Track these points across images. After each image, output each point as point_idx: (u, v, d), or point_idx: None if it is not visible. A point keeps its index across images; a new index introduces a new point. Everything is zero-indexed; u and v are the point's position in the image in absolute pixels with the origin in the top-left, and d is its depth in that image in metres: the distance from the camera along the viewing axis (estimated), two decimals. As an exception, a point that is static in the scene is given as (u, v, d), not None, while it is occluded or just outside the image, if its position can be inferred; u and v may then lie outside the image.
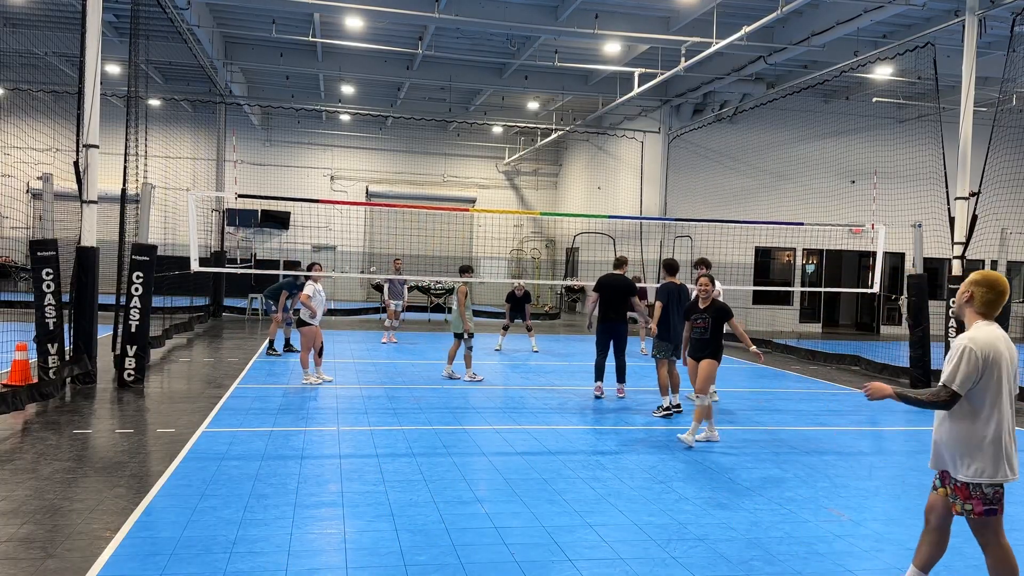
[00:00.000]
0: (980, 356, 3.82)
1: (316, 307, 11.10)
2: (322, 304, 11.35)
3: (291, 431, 8.19)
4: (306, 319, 11.12)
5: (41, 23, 19.04)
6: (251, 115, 27.25)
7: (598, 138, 27.37)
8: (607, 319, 10.66)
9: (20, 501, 5.66)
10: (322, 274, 11.45)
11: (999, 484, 3.87)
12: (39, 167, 15.93)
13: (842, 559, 5.11)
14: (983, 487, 3.86)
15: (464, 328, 11.74)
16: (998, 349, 3.86)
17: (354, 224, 29.53)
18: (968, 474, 3.89)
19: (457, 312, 11.85)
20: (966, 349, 3.85)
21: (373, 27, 18.88)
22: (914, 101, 21.69)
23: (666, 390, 9.83)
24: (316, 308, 11.10)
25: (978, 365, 3.82)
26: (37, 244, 9.64)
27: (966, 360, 3.83)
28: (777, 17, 13.43)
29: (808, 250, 24.12)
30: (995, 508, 3.88)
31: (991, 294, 3.96)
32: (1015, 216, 14.22)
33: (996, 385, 3.85)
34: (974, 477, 3.87)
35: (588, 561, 4.94)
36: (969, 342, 3.87)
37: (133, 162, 12.27)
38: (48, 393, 9.11)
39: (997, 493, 3.88)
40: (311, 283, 11.24)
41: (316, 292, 11.18)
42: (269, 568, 4.64)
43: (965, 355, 3.84)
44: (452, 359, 12.23)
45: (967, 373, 3.82)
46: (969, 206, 12.85)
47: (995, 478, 3.84)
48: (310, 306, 11.05)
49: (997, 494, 3.88)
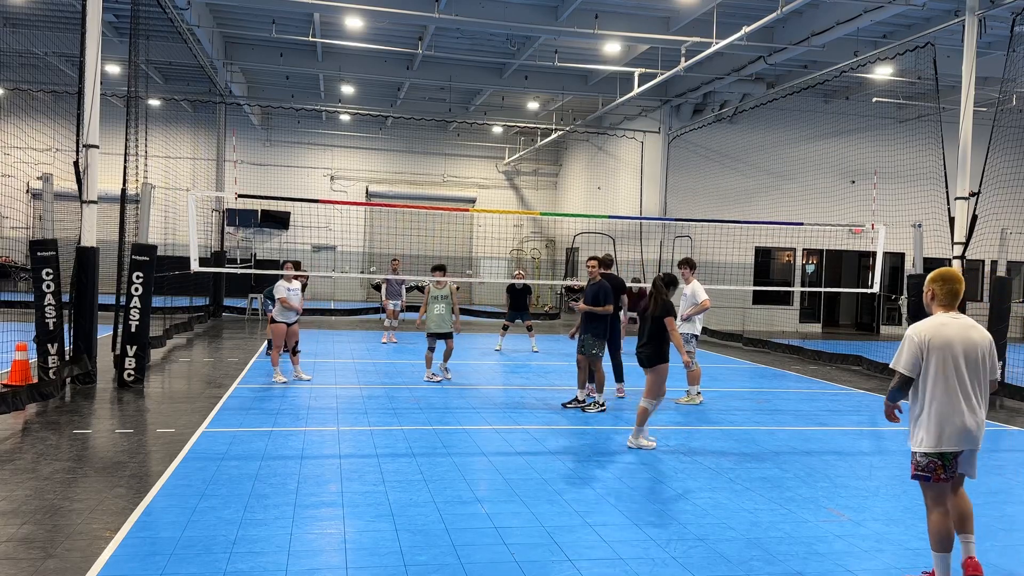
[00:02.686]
0: (917, 341, 4.36)
1: (297, 306, 11.27)
2: (297, 302, 11.46)
3: (291, 431, 8.19)
4: (278, 317, 11.19)
5: (41, 23, 19.04)
6: (251, 115, 27.25)
7: (598, 138, 27.38)
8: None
9: (20, 501, 5.66)
10: (295, 273, 11.47)
11: (933, 454, 4.34)
12: (39, 167, 15.92)
13: (842, 559, 5.11)
14: (917, 455, 4.40)
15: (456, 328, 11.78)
16: (942, 334, 4.34)
17: (354, 224, 29.53)
18: (911, 443, 4.47)
19: (448, 311, 11.80)
20: (906, 336, 4.43)
21: (373, 27, 18.88)
22: (914, 101, 21.69)
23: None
24: (297, 306, 11.27)
25: (916, 349, 4.36)
26: (37, 244, 9.64)
27: (907, 346, 4.41)
28: (777, 17, 13.43)
29: (808, 250, 24.12)
30: (927, 476, 4.39)
31: (948, 286, 4.45)
32: (1015, 216, 14.20)
33: (937, 365, 4.32)
34: (913, 446, 4.43)
35: (588, 561, 4.94)
36: (911, 330, 4.44)
37: (133, 162, 12.27)
38: (48, 393, 9.11)
39: (931, 464, 4.37)
40: (283, 283, 11.28)
41: (290, 291, 11.30)
42: (269, 568, 4.64)
43: (905, 341, 4.41)
44: (447, 358, 12.13)
45: (908, 356, 4.39)
46: (969, 206, 12.84)
47: (927, 448, 4.34)
48: (293, 306, 11.19)
49: (931, 464, 4.37)
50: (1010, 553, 5.37)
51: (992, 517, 6.14)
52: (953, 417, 4.36)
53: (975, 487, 6.97)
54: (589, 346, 9.81)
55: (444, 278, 11.87)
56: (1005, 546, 5.51)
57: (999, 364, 5.35)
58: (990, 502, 6.55)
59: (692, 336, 10.69)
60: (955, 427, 4.36)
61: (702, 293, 10.68)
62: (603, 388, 9.98)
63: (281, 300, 11.17)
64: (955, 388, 4.36)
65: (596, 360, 9.86)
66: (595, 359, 9.86)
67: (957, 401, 4.36)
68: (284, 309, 11.22)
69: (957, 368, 4.36)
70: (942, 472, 4.41)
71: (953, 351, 4.37)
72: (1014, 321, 23.05)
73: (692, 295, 10.72)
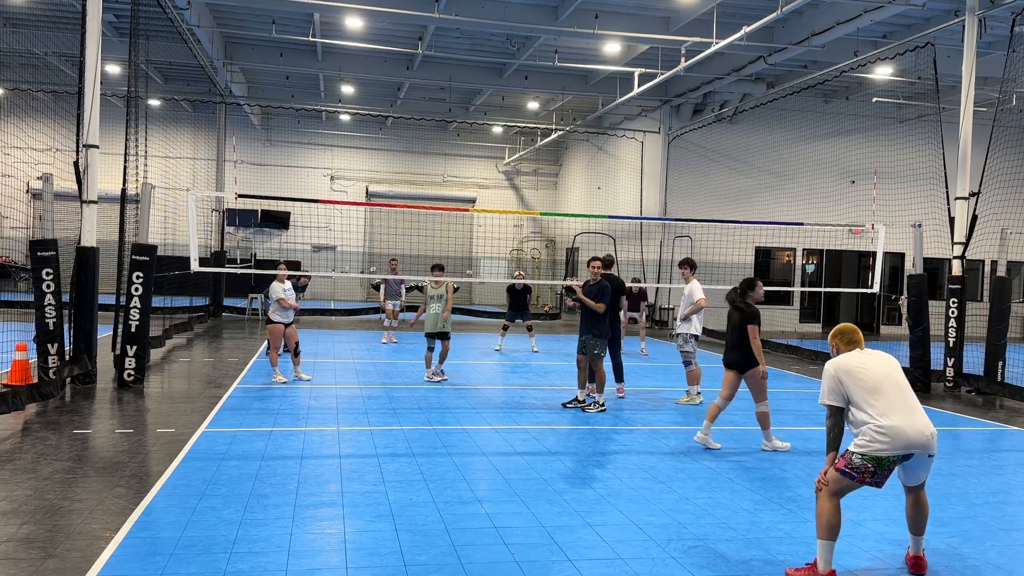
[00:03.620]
0: (833, 374, 4.78)
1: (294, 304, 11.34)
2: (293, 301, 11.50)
3: (291, 431, 8.19)
4: (275, 317, 11.22)
5: (41, 23, 19.05)
6: (251, 115, 27.26)
7: (598, 138, 27.38)
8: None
9: (20, 501, 5.66)
10: (288, 273, 11.52)
11: (868, 456, 4.58)
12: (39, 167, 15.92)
13: (842, 559, 5.11)
14: (853, 455, 4.65)
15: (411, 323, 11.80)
16: (848, 366, 4.76)
17: (354, 224, 29.53)
18: (852, 445, 4.72)
19: (441, 311, 11.78)
20: (824, 372, 4.85)
21: (373, 27, 18.88)
22: (914, 101, 21.69)
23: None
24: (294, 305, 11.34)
25: (833, 381, 4.78)
26: (37, 244, 9.63)
27: (825, 380, 4.84)
28: (777, 17, 13.43)
29: (808, 250, 24.12)
30: (852, 475, 4.64)
31: (845, 337, 4.99)
32: (1015, 216, 14.21)
33: (858, 389, 4.68)
34: (854, 449, 4.67)
35: (588, 561, 4.94)
36: (828, 365, 4.86)
37: (133, 162, 12.27)
38: (48, 393, 9.11)
39: (863, 466, 4.60)
40: (277, 283, 11.30)
41: (285, 291, 11.33)
42: (269, 568, 4.64)
43: (824, 376, 4.85)
44: (443, 359, 12.11)
45: (827, 388, 4.80)
46: (969, 206, 12.85)
47: (863, 450, 4.60)
48: (290, 305, 11.26)
49: (863, 467, 4.60)
50: (1010, 553, 5.37)
51: (992, 517, 6.14)
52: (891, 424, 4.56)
53: (975, 487, 6.98)
54: (591, 346, 9.81)
55: (442, 278, 11.87)
56: (1005, 546, 5.51)
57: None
58: (990, 502, 6.55)
59: (692, 336, 10.69)
60: (886, 435, 4.55)
61: (698, 292, 10.68)
62: (603, 388, 9.99)
63: (280, 301, 11.20)
64: (881, 403, 4.62)
65: (597, 360, 9.87)
66: (596, 359, 9.86)
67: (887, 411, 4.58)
68: (282, 309, 11.25)
69: (881, 387, 4.66)
70: (869, 478, 4.62)
71: (873, 375, 4.71)
72: (1014, 321, 23.05)
73: (689, 295, 10.73)
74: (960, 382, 12.68)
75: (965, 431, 9.79)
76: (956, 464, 7.85)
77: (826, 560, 4.67)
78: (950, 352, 12.74)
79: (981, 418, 10.60)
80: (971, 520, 6.06)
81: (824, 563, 4.67)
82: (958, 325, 12.71)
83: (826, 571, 4.66)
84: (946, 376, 12.79)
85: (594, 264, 10.02)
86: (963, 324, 12.73)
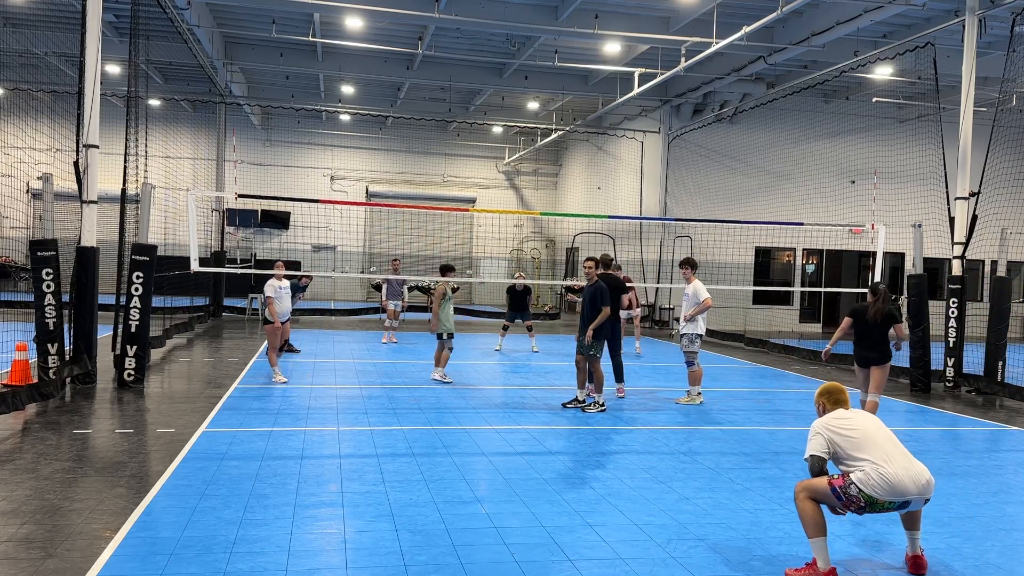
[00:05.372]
0: (822, 430, 4.93)
1: (276, 308, 11.31)
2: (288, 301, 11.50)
3: (291, 431, 8.19)
4: (269, 317, 11.28)
5: (41, 23, 19.04)
6: (251, 115, 27.25)
7: (598, 138, 27.37)
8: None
9: (20, 501, 5.66)
10: (285, 272, 11.55)
11: (864, 494, 4.68)
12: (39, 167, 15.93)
13: (842, 559, 5.11)
14: (851, 485, 4.74)
15: (432, 327, 11.74)
16: (837, 425, 4.91)
17: (354, 224, 29.52)
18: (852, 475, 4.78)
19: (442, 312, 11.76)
20: (811, 430, 5.00)
21: (373, 27, 18.88)
22: (914, 101, 21.69)
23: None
24: (276, 309, 11.31)
25: (821, 437, 4.91)
26: (37, 244, 9.63)
27: (812, 436, 4.97)
28: (777, 17, 13.43)
29: (808, 250, 24.12)
30: (842, 500, 4.74)
31: (832, 396, 5.12)
32: (1015, 216, 14.21)
33: (845, 442, 4.83)
34: (855, 479, 4.74)
35: (588, 561, 4.94)
36: (815, 424, 5.01)
37: (133, 162, 12.27)
38: (48, 393, 9.11)
39: (856, 499, 4.70)
40: (274, 281, 11.32)
41: (281, 290, 11.33)
42: (269, 568, 4.64)
43: (811, 433, 4.99)
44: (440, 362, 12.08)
45: (816, 443, 4.92)
46: (969, 206, 12.85)
47: (862, 485, 4.70)
48: (273, 310, 11.27)
49: (856, 499, 4.71)
50: (1010, 553, 5.37)
51: (992, 517, 6.14)
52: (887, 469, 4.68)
53: (975, 487, 6.98)
54: (588, 346, 9.81)
55: (440, 278, 11.86)
56: (1005, 546, 5.51)
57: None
58: (990, 502, 6.55)
59: (697, 336, 10.68)
60: (882, 480, 4.65)
61: (703, 292, 10.67)
62: (602, 388, 9.99)
63: (268, 300, 11.23)
64: (875, 452, 4.75)
65: (595, 360, 9.86)
66: (594, 359, 9.86)
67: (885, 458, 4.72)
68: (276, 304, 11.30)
69: (871, 438, 4.81)
70: (855, 510, 4.76)
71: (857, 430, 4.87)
72: (1014, 321, 23.04)
73: (694, 295, 10.71)
74: (960, 382, 12.68)
75: (965, 431, 9.79)
76: (956, 464, 7.85)
77: (824, 557, 4.70)
78: (950, 352, 12.74)
79: (981, 418, 10.60)
80: (971, 520, 6.06)
81: (823, 560, 4.68)
82: (958, 325, 12.71)
83: (826, 568, 4.67)
84: (946, 376, 12.79)
85: (587, 264, 10.00)
86: (963, 324, 12.74)
